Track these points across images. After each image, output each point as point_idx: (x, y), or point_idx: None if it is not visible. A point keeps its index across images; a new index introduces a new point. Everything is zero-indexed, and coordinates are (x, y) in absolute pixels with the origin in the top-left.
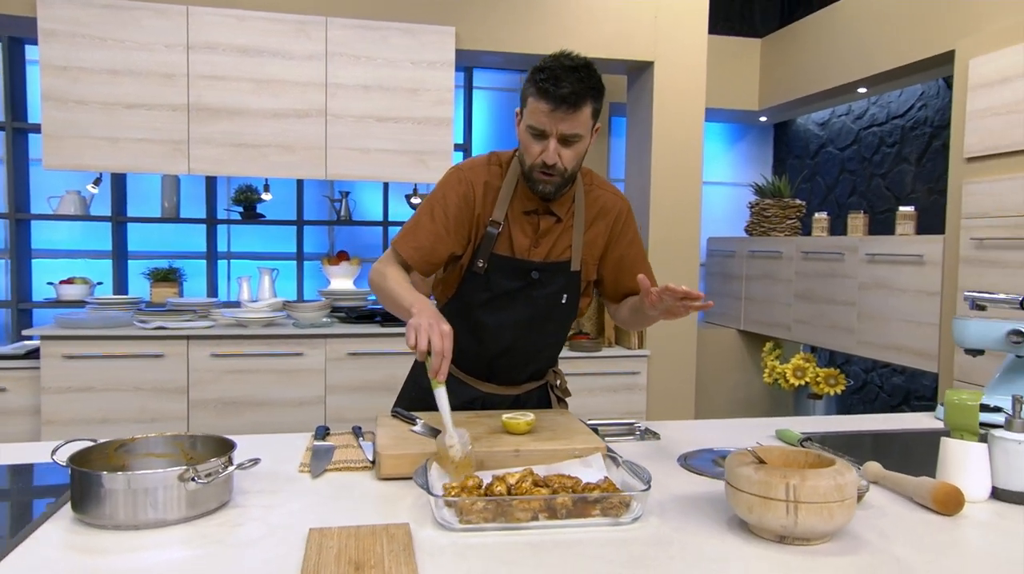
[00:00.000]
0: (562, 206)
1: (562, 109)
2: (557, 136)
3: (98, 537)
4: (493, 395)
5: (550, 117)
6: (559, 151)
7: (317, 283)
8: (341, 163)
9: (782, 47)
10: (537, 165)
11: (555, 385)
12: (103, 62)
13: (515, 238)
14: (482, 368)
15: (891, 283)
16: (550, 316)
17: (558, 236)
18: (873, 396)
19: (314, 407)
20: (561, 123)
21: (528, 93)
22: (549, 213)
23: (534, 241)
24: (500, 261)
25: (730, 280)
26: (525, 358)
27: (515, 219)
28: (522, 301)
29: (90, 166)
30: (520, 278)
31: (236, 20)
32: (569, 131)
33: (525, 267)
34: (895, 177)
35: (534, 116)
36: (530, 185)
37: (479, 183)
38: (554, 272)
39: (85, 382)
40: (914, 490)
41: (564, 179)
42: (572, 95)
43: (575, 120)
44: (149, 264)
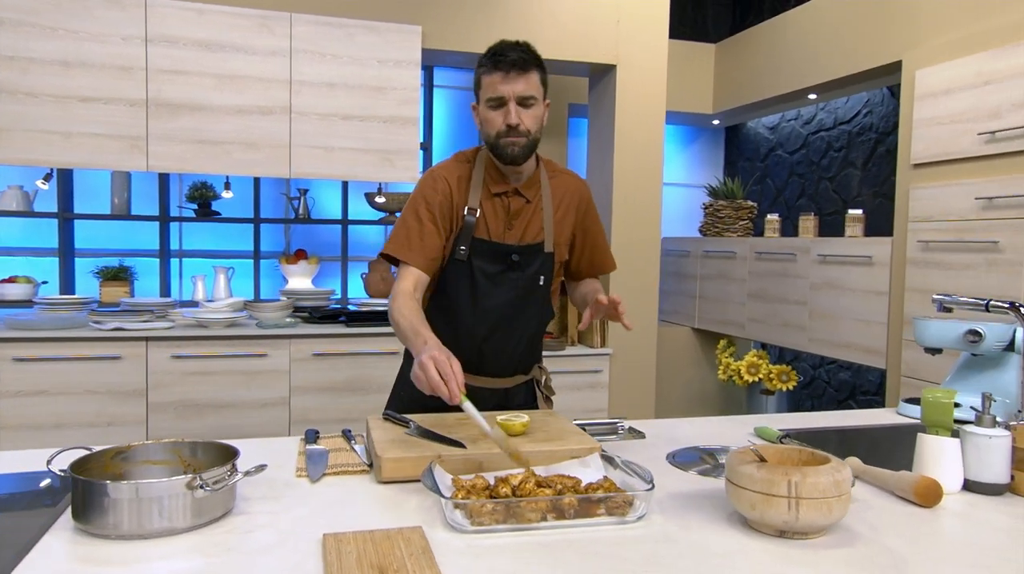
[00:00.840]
0: (530, 188)
1: (513, 73)
2: (514, 99)
3: (103, 547)
4: (482, 389)
5: (504, 82)
6: (519, 112)
7: (273, 282)
8: (306, 161)
9: (736, 52)
10: (502, 131)
11: (540, 382)
12: (55, 53)
13: (490, 222)
14: (471, 358)
15: (841, 283)
16: (530, 299)
17: (530, 218)
18: (821, 391)
19: (278, 409)
20: (515, 85)
21: (480, 75)
22: (518, 194)
23: (507, 223)
24: (481, 245)
25: (684, 279)
26: (510, 343)
27: (488, 204)
28: (504, 284)
29: (42, 161)
30: (501, 261)
31: (196, 13)
32: (524, 92)
33: (505, 250)
34: (842, 180)
35: (490, 88)
36: (499, 155)
37: (453, 178)
38: (531, 254)
39: (37, 386)
40: (895, 484)
41: (529, 141)
42: (520, 60)
43: (527, 82)
44: (97, 262)
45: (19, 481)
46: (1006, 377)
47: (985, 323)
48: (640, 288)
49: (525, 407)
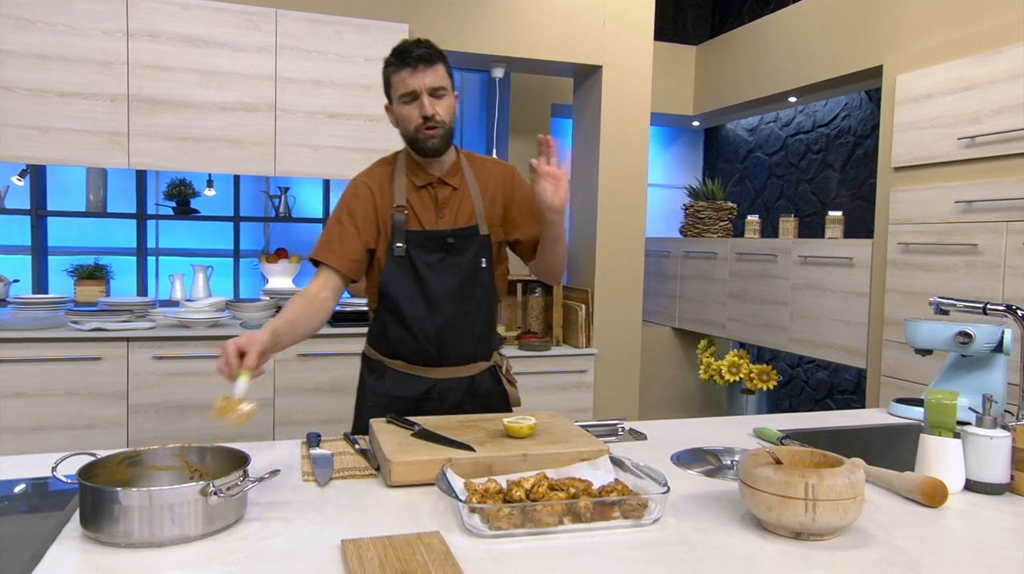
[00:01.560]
0: (453, 176)
1: (421, 67)
2: (427, 91)
3: (114, 556)
4: (447, 381)
5: (414, 77)
6: (433, 103)
7: (253, 281)
8: (291, 159)
9: (717, 55)
10: (420, 124)
11: (502, 368)
12: (33, 46)
13: (420, 214)
14: (430, 352)
15: (822, 284)
16: (474, 282)
17: (459, 204)
18: (799, 390)
19: (263, 410)
20: (425, 78)
21: (389, 74)
22: (443, 183)
23: (437, 213)
24: (416, 237)
25: (665, 279)
26: (465, 329)
27: (414, 197)
28: (446, 271)
29: (18, 157)
30: (438, 248)
31: (180, 8)
32: (434, 83)
33: (439, 236)
34: (820, 183)
35: (401, 85)
36: (419, 149)
37: (375, 183)
38: (466, 238)
39: (13, 387)
40: (900, 484)
41: (445, 131)
42: (425, 54)
43: (436, 74)
44: (71, 261)
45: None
46: (993, 378)
47: (975, 325)
48: (624, 288)
49: (494, 393)
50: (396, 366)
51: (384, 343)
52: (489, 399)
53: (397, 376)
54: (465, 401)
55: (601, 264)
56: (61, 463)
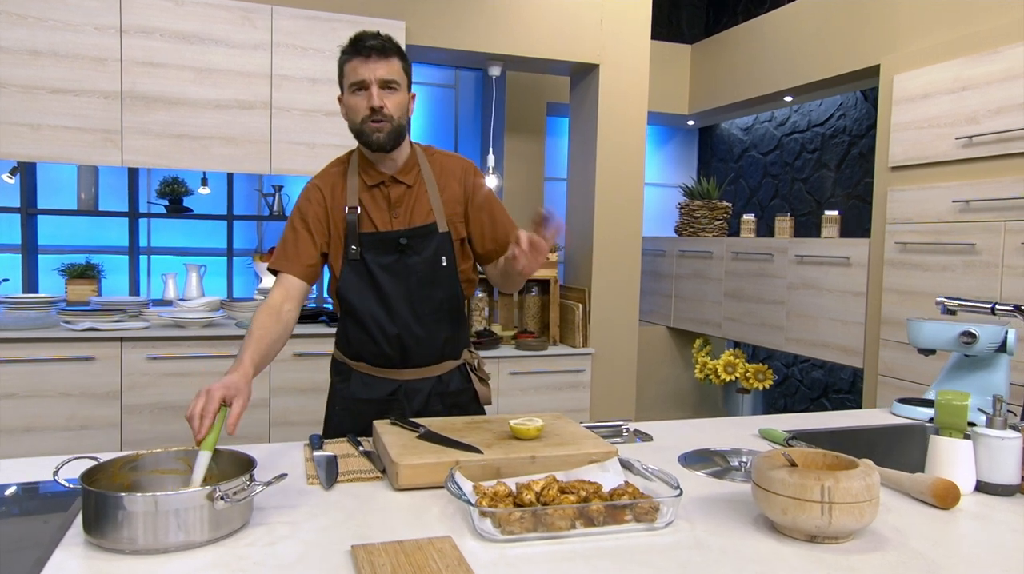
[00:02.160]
0: (407, 173)
1: (374, 57)
2: (377, 82)
3: (119, 563)
4: (413, 381)
5: (366, 66)
6: (382, 96)
7: (246, 280)
8: (286, 157)
9: (712, 54)
10: (366, 116)
11: (473, 365)
12: (24, 41)
13: (373, 215)
14: (394, 354)
15: (819, 283)
16: (434, 282)
17: (414, 202)
18: (794, 390)
19: (258, 410)
20: (377, 69)
21: (342, 63)
22: (396, 182)
23: (391, 212)
24: (369, 239)
25: (660, 279)
26: (426, 330)
27: (367, 197)
28: (401, 273)
29: (9, 155)
30: (392, 249)
31: (174, 4)
32: (386, 75)
33: (392, 237)
34: (816, 182)
35: (352, 74)
36: (364, 142)
37: (327, 185)
38: (423, 237)
39: (5, 389)
40: (911, 486)
41: (393, 127)
42: (380, 46)
43: (389, 66)
44: (62, 260)
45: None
46: (996, 377)
47: (978, 325)
48: (621, 288)
49: (462, 390)
50: (361, 368)
51: (347, 346)
52: (458, 397)
53: (362, 378)
54: (433, 401)
55: (598, 263)
56: (62, 468)
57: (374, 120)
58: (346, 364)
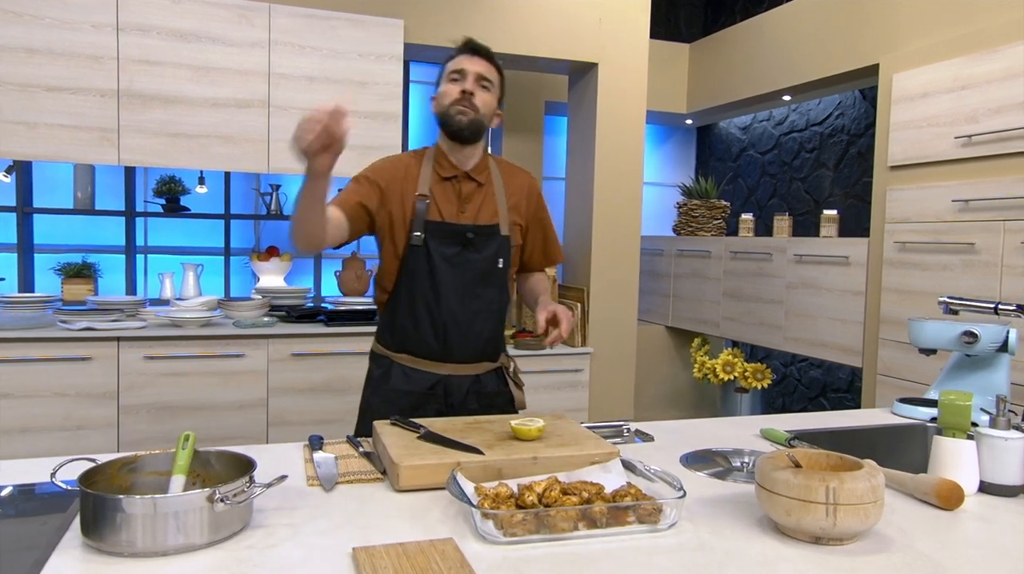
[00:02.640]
0: (480, 172)
1: (478, 56)
2: (474, 75)
3: (117, 565)
4: (452, 377)
5: (468, 60)
6: (475, 86)
7: (243, 279)
8: (284, 156)
9: (711, 53)
10: (456, 99)
11: (509, 369)
12: (20, 39)
13: (442, 205)
14: (437, 346)
15: (818, 283)
16: (488, 281)
17: (482, 201)
18: (792, 389)
19: (256, 410)
20: (477, 65)
21: (445, 63)
22: (469, 178)
23: (459, 206)
24: (435, 227)
25: (658, 278)
26: (474, 327)
27: (438, 188)
28: (462, 266)
29: (5, 153)
30: (457, 241)
31: (172, 2)
32: (484, 72)
33: (459, 230)
34: (814, 181)
35: (454, 65)
36: (448, 124)
37: (402, 165)
38: (487, 236)
39: (1, 389)
40: (914, 486)
41: (477, 118)
42: (485, 50)
43: (488, 68)
44: (58, 259)
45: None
46: (997, 377)
47: (980, 324)
48: (620, 287)
49: (499, 393)
50: (402, 360)
51: (391, 337)
52: (494, 399)
53: (403, 370)
54: (470, 400)
55: (597, 262)
56: (60, 469)
57: (462, 103)
58: (387, 356)
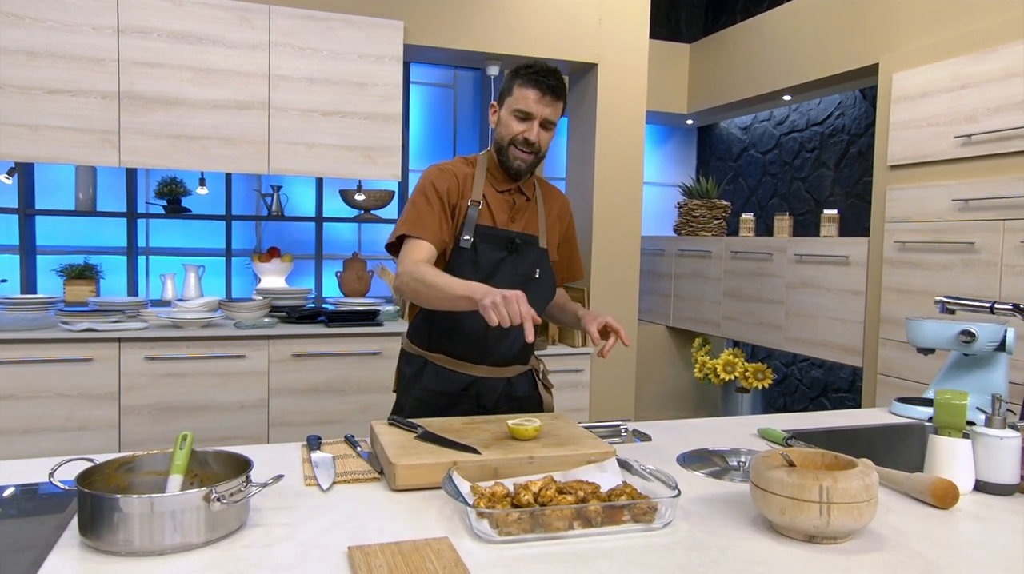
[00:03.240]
0: (528, 188)
1: (548, 98)
2: (540, 119)
3: (114, 565)
4: (486, 379)
5: (538, 103)
6: (540, 134)
7: (244, 280)
8: (284, 158)
9: (711, 53)
10: (519, 141)
11: (539, 372)
12: (21, 42)
13: (495, 213)
14: (476, 348)
15: (818, 282)
16: (527, 288)
17: (529, 215)
18: (793, 389)
19: (257, 411)
20: (546, 109)
21: (515, 84)
22: (520, 192)
23: (511, 216)
24: (485, 232)
25: (659, 278)
26: (512, 332)
27: (492, 197)
28: (506, 270)
29: (6, 155)
30: (504, 247)
31: (172, 4)
32: (551, 116)
33: (508, 235)
34: (815, 181)
35: (522, 101)
36: (505, 162)
37: (459, 173)
38: (530, 245)
39: (3, 390)
40: (910, 486)
41: (536, 159)
42: (557, 87)
43: (555, 108)
44: (60, 260)
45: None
46: (995, 377)
47: (977, 324)
48: (620, 287)
49: (529, 397)
50: (437, 360)
51: (427, 336)
52: (524, 402)
53: (436, 370)
54: (501, 402)
55: (597, 263)
56: (58, 469)
57: (523, 150)
58: (421, 355)
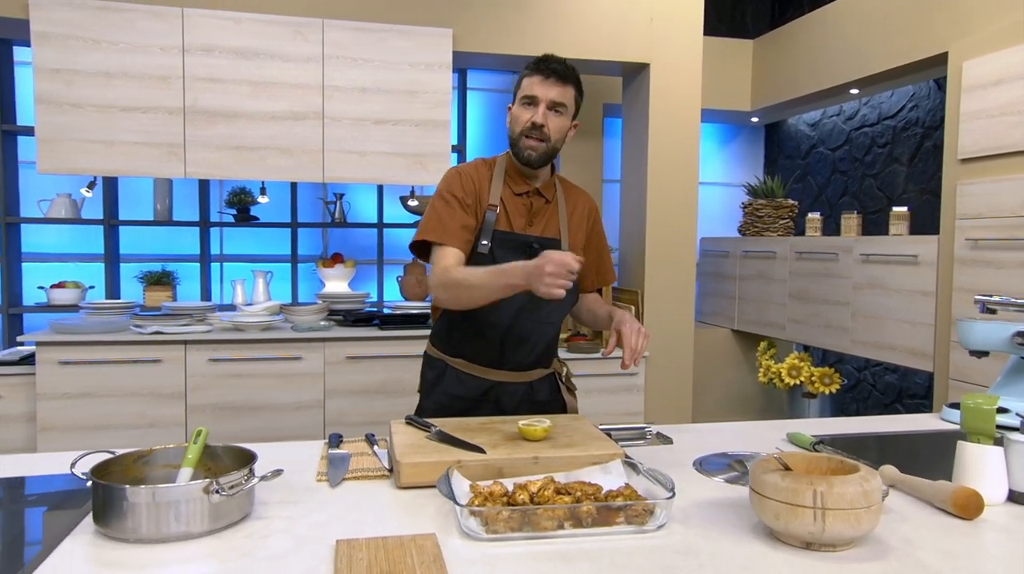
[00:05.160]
0: (548, 189)
1: (552, 79)
2: (547, 102)
3: (122, 551)
4: (506, 384)
5: (542, 85)
6: (547, 115)
7: (311, 285)
8: (338, 166)
9: (775, 48)
10: (526, 128)
11: (561, 375)
12: (98, 64)
13: (512, 217)
14: (493, 353)
15: (886, 283)
16: None
17: (548, 217)
18: (866, 394)
19: (313, 411)
20: (551, 91)
21: (522, 76)
22: (538, 194)
23: (528, 219)
24: (502, 237)
25: (723, 280)
26: (530, 337)
27: (509, 201)
28: None
29: (85, 169)
30: (522, 252)
31: (232, 22)
32: (558, 98)
33: (526, 240)
34: (887, 177)
35: (527, 88)
36: (517, 153)
37: (476, 176)
38: (551, 248)
39: (82, 388)
40: (932, 494)
41: (548, 148)
42: (561, 70)
43: (563, 91)
44: (141, 267)
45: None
46: None
47: None
48: (675, 290)
49: (551, 401)
50: (457, 365)
51: (447, 341)
52: (546, 407)
53: (457, 375)
54: (522, 407)
55: (651, 265)
56: (80, 461)
57: (532, 136)
58: (442, 360)
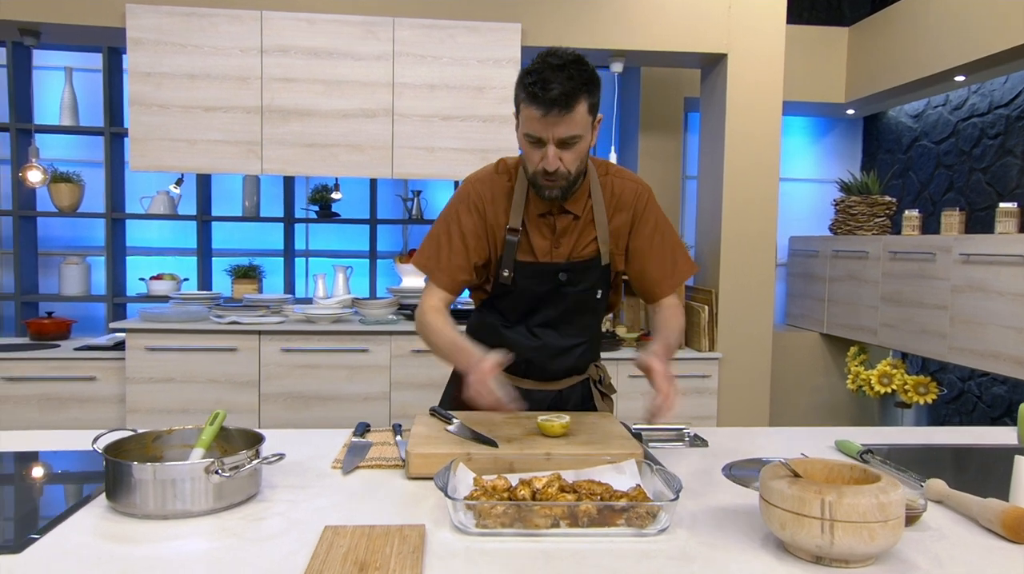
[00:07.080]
0: (577, 203)
1: (554, 112)
2: (554, 141)
3: (127, 525)
4: (533, 391)
5: (543, 123)
6: (559, 155)
7: (390, 281)
8: (408, 162)
9: (872, 35)
10: (539, 172)
11: (597, 381)
12: (183, 67)
13: (534, 242)
14: (518, 365)
15: (989, 285)
16: (584, 309)
17: (579, 233)
18: (971, 407)
19: (380, 402)
20: (556, 127)
21: (519, 99)
22: (564, 212)
23: (554, 242)
24: (525, 267)
25: (813, 281)
26: (559, 354)
27: (532, 223)
28: (554, 300)
29: (171, 167)
30: (548, 281)
31: (307, 23)
32: (565, 134)
33: (551, 270)
34: (997, 171)
35: (528, 124)
36: (537, 191)
37: (488, 197)
38: (583, 270)
39: (165, 373)
40: (979, 512)
41: (569, 181)
42: (563, 96)
43: (570, 122)
44: (231, 261)
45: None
46: None
47: None
48: (753, 290)
49: (581, 408)
50: None
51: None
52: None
53: None
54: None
55: (726, 264)
56: (102, 437)
57: (547, 179)
58: None
